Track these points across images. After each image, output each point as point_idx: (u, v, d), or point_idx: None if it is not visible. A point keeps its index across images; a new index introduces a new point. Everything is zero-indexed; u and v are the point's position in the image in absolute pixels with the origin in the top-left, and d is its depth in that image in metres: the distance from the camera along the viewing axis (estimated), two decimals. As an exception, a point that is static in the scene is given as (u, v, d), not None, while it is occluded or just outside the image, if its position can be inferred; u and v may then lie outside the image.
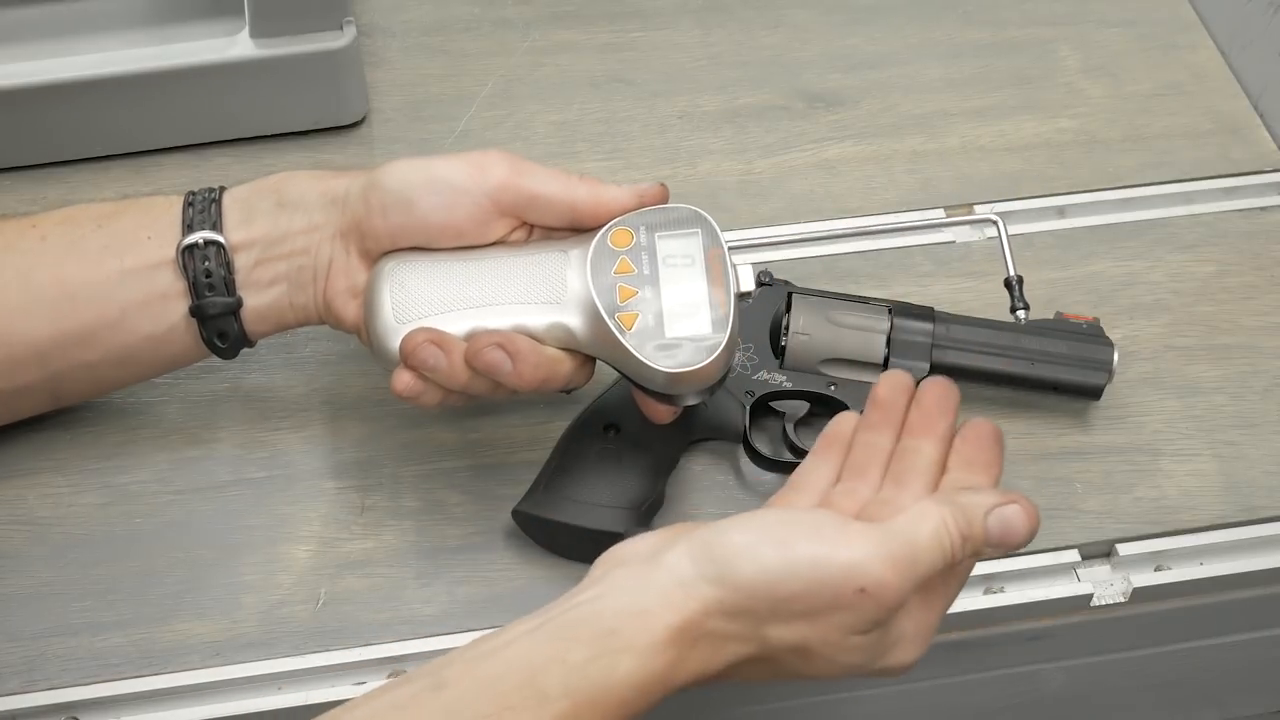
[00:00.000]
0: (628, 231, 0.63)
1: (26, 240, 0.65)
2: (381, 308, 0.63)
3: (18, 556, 0.68)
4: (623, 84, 0.89)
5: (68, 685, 0.64)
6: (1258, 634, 0.77)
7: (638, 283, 0.62)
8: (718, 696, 0.71)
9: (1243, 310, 0.79)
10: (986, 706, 0.78)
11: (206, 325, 0.65)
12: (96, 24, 0.81)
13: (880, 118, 0.87)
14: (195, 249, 0.64)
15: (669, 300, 0.62)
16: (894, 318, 0.71)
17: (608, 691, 0.52)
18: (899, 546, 0.53)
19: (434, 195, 0.63)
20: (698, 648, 0.53)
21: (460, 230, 0.63)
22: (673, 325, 0.61)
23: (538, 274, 0.63)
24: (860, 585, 0.52)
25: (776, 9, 0.93)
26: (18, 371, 0.65)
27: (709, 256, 0.62)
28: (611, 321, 0.61)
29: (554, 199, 0.63)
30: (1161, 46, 0.92)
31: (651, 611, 0.53)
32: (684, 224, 0.63)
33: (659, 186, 0.64)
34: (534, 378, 0.61)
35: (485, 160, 0.63)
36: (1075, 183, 0.84)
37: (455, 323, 0.62)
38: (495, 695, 0.51)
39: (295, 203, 0.65)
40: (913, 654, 0.57)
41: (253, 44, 0.79)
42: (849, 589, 0.52)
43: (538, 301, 0.63)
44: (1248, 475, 0.72)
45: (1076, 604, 0.70)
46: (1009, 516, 0.55)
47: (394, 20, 0.91)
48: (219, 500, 0.70)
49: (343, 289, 0.65)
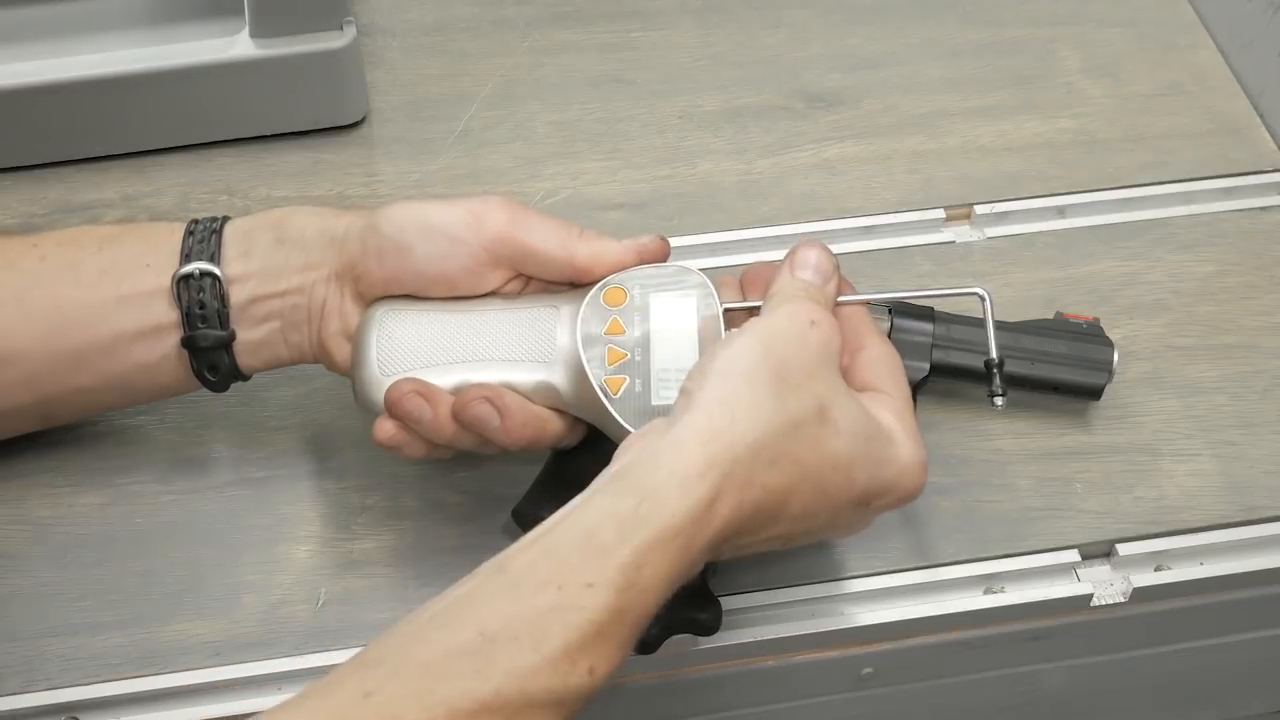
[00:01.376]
0: (621, 290, 0.62)
1: (26, 260, 0.65)
2: (367, 357, 0.62)
3: (18, 556, 0.68)
4: (623, 84, 0.89)
5: (68, 685, 0.64)
6: (1258, 634, 0.77)
7: (627, 345, 0.61)
8: (720, 698, 0.71)
9: (1243, 310, 0.79)
10: (986, 706, 0.78)
11: (198, 357, 0.64)
12: (96, 24, 0.81)
13: (880, 118, 0.87)
14: (190, 280, 0.63)
15: (658, 365, 0.60)
16: (894, 318, 0.71)
17: (662, 530, 0.52)
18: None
19: (429, 244, 0.62)
20: (731, 479, 0.54)
21: (454, 280, 0.62)
22: (660, 392, 0.60)
23: (528, 331, 0.62)
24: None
25: (776, 9, 0.93)
26: (8, 393, 0.65)
27: (703, 321, 0.61)
28: (598, 386, 0.60)
29: (552, 256, 0.62)
30: (1161, 46, 0.92)
31: (684, 441, 0.54)
32: (680, 285, 0.62)
33: (660, 242, 0.63)
34: (522, 435, 0.61)
35: (484, 210, 0.62)
36: (1075, 183, 0.84)
37: (441, 376, 0.61)
38: (555, 562, 0.52)
39: (294, 240, 0.64)
40: (910, 449, 0.59)
41: (253, 44, 0.79)
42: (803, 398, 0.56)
43: (526, 359, 0.62)
44: (1248, 475, 0.72)
45: (1076, 604, 0.70)
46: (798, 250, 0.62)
47: (394, 20, 0.91)
48: (219, 500, 0.70)
49: (336, 330, 0.64)
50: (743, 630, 0.67)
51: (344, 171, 0.83)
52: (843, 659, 0.69)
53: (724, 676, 0.69)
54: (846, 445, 0.56)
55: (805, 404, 0.56)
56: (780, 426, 0.55)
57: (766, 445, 0.54)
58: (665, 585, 0.53)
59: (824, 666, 0.70)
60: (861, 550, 0.69)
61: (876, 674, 0.71)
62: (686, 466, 0.53)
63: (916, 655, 0.70)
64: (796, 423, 0.55)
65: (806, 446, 0.56)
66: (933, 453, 0.72)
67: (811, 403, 0.56)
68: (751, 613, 0.68)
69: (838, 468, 0.56)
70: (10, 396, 0.65)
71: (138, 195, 0.81)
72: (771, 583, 0.68)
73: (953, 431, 0.73)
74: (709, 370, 0.56)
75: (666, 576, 0.53)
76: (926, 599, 0.69)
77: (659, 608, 0.53)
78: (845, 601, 0.68)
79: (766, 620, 0.68)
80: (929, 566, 0.69)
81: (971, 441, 0.73)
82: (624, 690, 0.68)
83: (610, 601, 0.51)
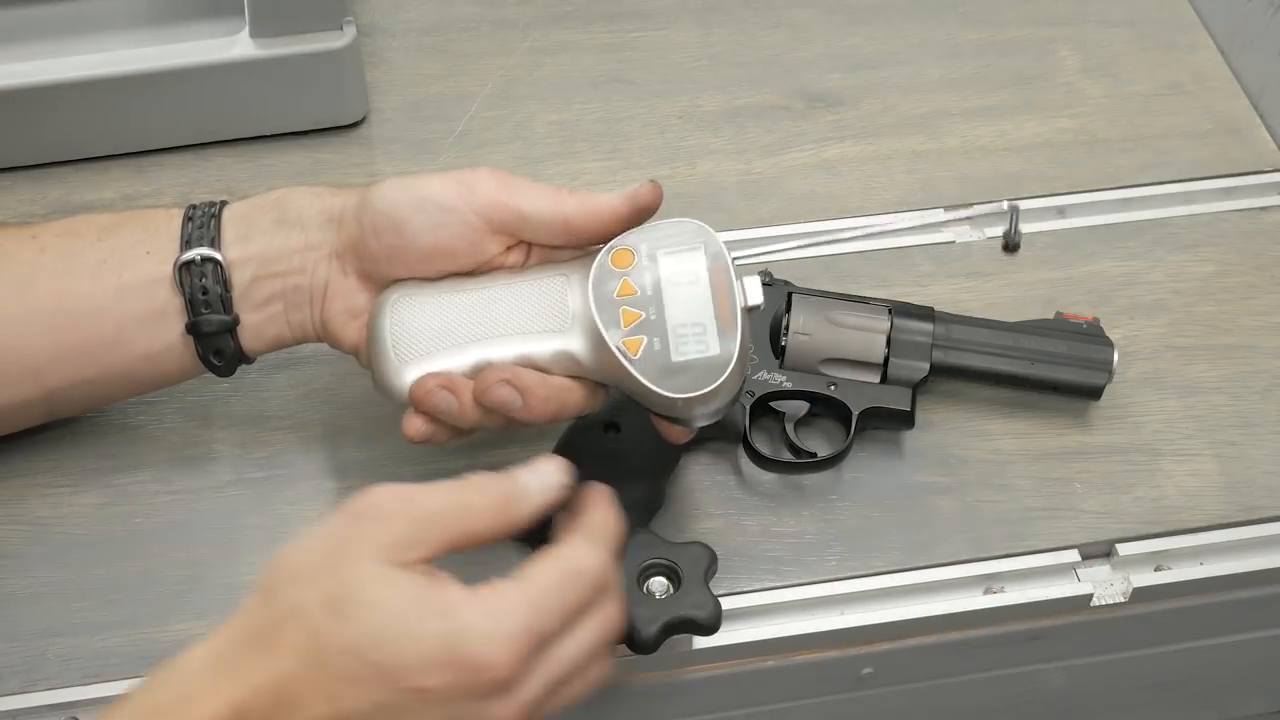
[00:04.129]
0: (629, 252, 0.62)
1: (26, 252, 0.65)
2: (383, 346, 0.62)
3: (18, 556, 0.68)
4: (623, 84, 0.89)
5: (68, 685, 0.64)
6: (1258, 634, 0.77)
7: (641, 305, 0.61)
8: (720, 698, 0.71)
9: (1243, 310, 0.79)
10: (986, 706, 0.78)
11: (202, 343, 0.64)
12: (96, 24, 0.81)
13: (880, 118, 0.87)
14: (192, 265, 0.63)
15: (674, 321, 0.60)
16: (894, 318, 0.71)
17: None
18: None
19: (422, 215, 0.62)
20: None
21: (453, 250, 0.62)
22: (679, 348, 0.60)
23: (539, 302, 0.62)
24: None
25: (776, 9, 0.93)
26: (13, 387, 0.65)
27: (713, 272, 0.61)
28: (617, 348, 0.60)
29: (544, 215, 0.62)
30: (1161, 46, 0.92)
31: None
32: (686, 239, 0.62)
33: (651, 185, 0.63)
34: (545, 411, 0.61)
35: (473, 178, 0.62)
36: (1075, 183, 0.84)
37: (459, 358, 0.61)
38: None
39: (294, 221, 0.64)
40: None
41: (253, 44, 0.79)
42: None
43: (541, 330, 0.62)
44: (1248, 475, 0.72)
45: (1076, 604, 0.70)
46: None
47: (394, 20, 0.91)
48: (219, 500, 0.70)
49: (340, 310, 0.64)
50: (743, 630, 0.67)
51: (344, 171, 0.83)
52: (843, 659, 0.69)
53: (724, 676, 0.69)
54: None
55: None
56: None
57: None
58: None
59: (824, 666, 0.70)
60: (861, 550, 0.69)
61: (876, 674, 0.71)
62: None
63: (916, 655, 0.70)
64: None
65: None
66: (933, 453, 0.72)
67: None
68: (751, 613, 0.68)
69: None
70: (16, 391, 0.65)
71: (138, 195, 0.81)
72: (771, 583, 0.68)
73: (953, 431, 0.73)
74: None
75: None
76: (926, 599, 0.69)
77: None
78: (845, 601, 0.68)
79: (766, 620, 0.68)
80: (929, 566, 0.69)
81: (971, 441, 0.73)
82: (624, 690, 0.68)
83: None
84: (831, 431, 0.72)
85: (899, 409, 0.70)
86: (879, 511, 0.70)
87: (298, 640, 0.51)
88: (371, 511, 0.54)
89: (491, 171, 0.63)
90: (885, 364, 0.70)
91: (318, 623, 0.51)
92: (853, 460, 0.71)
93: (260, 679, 0.51)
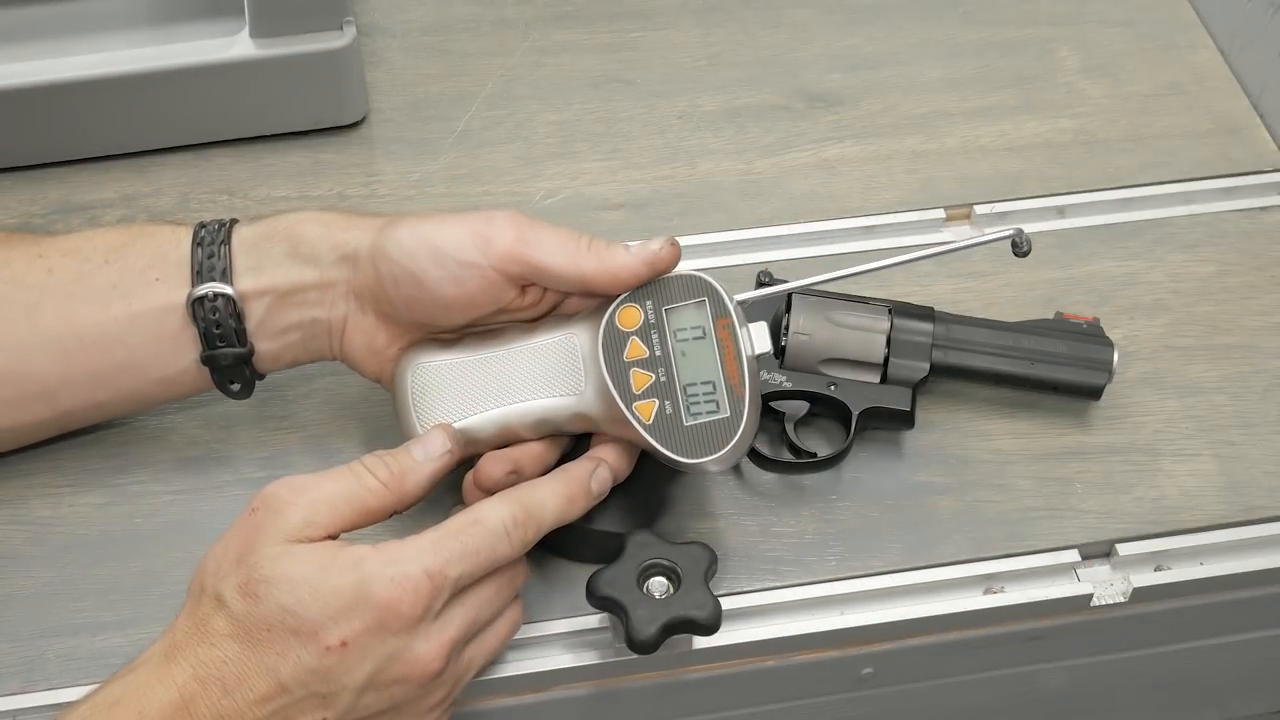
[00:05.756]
0: (635, 309, 0.62)
1: (34, 274, 0.64)
2: (408, 417, 0.64)
3: (18, 556, 0.68)
4: (623, 84, 0.89)
5: (68, 685, 0.64)
6: (1258, 634, 0.77)
7: (651, 366, 0.61)
8: (720, 698, 0.71)
9: (1243, 310, 0.79)
10: (986, 706, 0.78)
11: (219, 374, 0.65)
12: (96, 24, 0.81)
13: (880, 118, 0.87)
14: (205, 300, 0.63)
15: (684, 381, 0.61)
16: (894, 318, 0.71)
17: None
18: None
19: (441, 270, 0.62)
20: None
21: (473, 299, 0.62)
22: (691, 410, 0.61)
23: (553, 363, 0.63)
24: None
25: (776, 9, 0.93)
26: (26, 409, 0.65)
27: (718, 327, 0.62)
28: (629, 413, 0.61)
29: (561, 272, 0.62)
30: (1161, 46, 0.92)
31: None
32: (690, 293, 0.62)
33: (671, 248, 0.63)
34: (545, 468, 0.64)
35: (489, 231, 0.62)
36: (1075, 183, 0.84)
37: (483, 423, 0.63)
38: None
39: (307, 255, 0.64)
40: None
41: (253, 44, 0.79)
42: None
43: (557, 394, 0.63)
44: (1248, 475, 0.72)
45: (1076, 604, 0.70)
46: None
47: (394, 20, 0.91)
48: (219, 500, 0.70)
49: (360, 345, 0.65)
50: (743, 630, 0.67)
51: (344, 171, 0.83)
52: (843, 659, 0.69)
53: (724, 676, 0.69)
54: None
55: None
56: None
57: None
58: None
59: (824, 666, 0.70)
60: (861, 550, 0.69)
61: (876, 674, 0.71)
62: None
63: (916, 655, 0.70)
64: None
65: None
66: (933, 453, 0.72)
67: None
68: (751, 613, 0.68)
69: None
70: (29, 412, 0.66)
71: (138, 195, 0.81)
72: (771, 583, 0.68)
73: (953, 431, 0.73)
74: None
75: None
76: (926, 599, 0.69)
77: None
78: (845, 601, 0.68)
79: (766, 620, 0.68)
80: (929, 566, 0.69)
81: (971, 441, 0.73)
82: (624, 690, 0.68)
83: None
84: (831, 431, 0.72)
85: (899, 409, 0.70)
86: (879, 511, 0.71)
87: (227, 629, 0.56)
88: (269, 505, 0.58)
89: (509, 219, 0.62)
90: (885, 364, 0.70)
91: (239, 609, 0.56)
92: (853, 460, 0.71)
93: (204, 669, 0.55)
